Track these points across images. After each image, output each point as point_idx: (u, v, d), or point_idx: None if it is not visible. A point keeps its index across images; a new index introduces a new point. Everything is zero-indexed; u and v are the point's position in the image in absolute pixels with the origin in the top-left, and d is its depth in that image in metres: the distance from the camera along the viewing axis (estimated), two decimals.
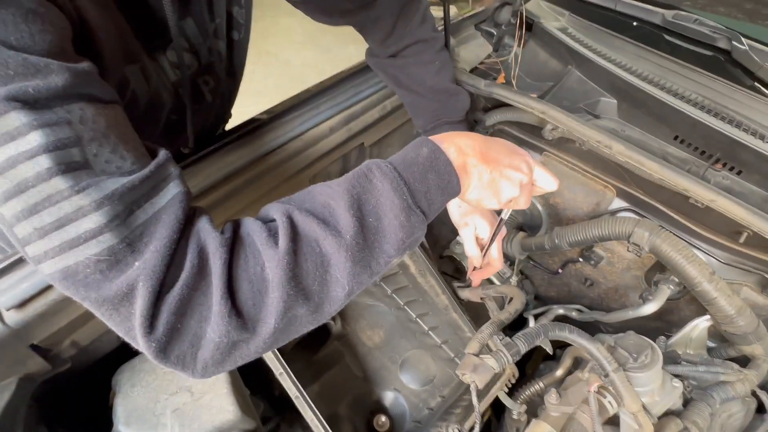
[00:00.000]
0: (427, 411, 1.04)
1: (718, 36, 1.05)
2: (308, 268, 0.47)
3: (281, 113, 0.89)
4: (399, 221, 0.50)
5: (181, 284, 0.42)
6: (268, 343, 0.47)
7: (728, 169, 1.01)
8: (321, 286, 0.48)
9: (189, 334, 0.43)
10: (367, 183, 0.51)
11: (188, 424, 0.76)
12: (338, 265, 0.48)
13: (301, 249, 0.48)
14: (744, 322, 0.94)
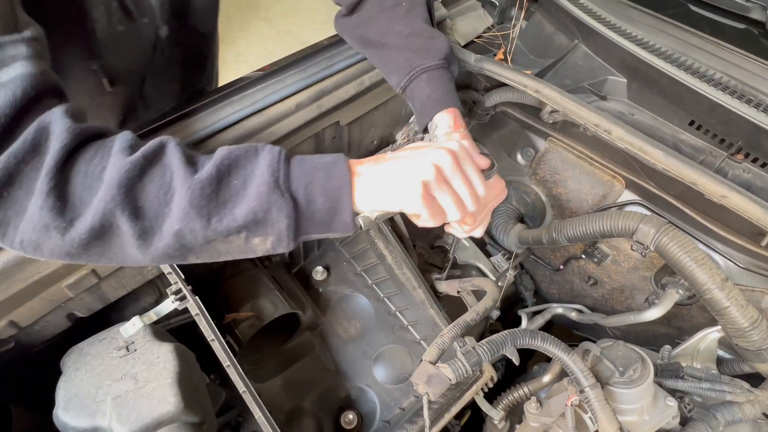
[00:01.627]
0: (399, 411, 0.98)
1: (752, 5, 0.90)
2: (150, 190, 0.49)
3: (239, 87, 0.82)
4: (259, 192, 0.50)
5: (9, 154, 0.45)
6: (82, 243, 0.47)
7: (751, 160, 0.87)
8: (155, 212, 0.49)
9: (14, 203, 0.46)
10: (252, 153, 0.53)
11: (126, 414, 0.72)
12: (178, 201, 0.48)
13: (152, 169, 0.49)
14: (758, 337, 0.82)
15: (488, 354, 0.71)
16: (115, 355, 0.79)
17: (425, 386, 0.69)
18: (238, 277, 0.96)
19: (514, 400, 0.98)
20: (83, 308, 0.81)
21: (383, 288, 1.08)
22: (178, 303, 0.78)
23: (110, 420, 0.72)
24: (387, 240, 1.00)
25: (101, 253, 0.50)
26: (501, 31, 1.16)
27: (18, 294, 0.68)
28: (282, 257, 1.09)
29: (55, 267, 0.70)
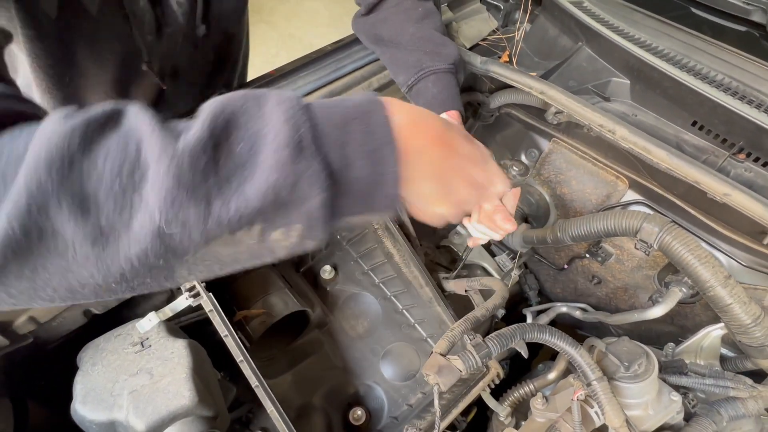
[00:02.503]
0: (406, 407, 0.99)
1: (753, 8, 0.92)
2: (102, 168, 0.32)
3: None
4: (278, 159, 0.35)
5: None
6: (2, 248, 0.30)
7: (752, 159, 0.89)
8: (116, 203, 0.32)
9: None
10: (253, 104, 0.37)
11: (143, 408, 0.74)
12: (156, 183, 0.32)
13: (105, 139, 0.33)
14: (761, 333, 0.83)
15: (498, 347, 0.72)
16: (130, 350, 0.81)
17: (436, 377, 0.71)
18: (249, 274, 0.98)
19: (520, 396, 0.99)
20: (99, 305, 0.83)
21: (390, 287, 1.10)
22: (192, 300, 0.80)
23: (127, 413, 0.74)
24: (395, 238, 1.01)
25: (24, 276, 0.32)
26: (505, 33, 1.18)
27: None
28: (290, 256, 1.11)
29: None
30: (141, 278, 0.35)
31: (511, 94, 1.11)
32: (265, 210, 0.35)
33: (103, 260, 0.33)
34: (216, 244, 0.36)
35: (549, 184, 1.22)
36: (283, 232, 0.37)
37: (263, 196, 0.35)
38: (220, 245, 0.36)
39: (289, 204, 0.36)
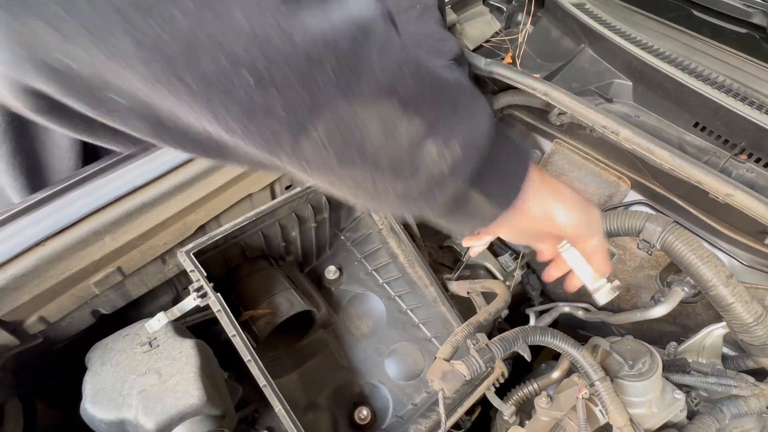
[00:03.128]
0: (411, 406, 1.00)
1: (753, 10, 0.93)
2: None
3: None
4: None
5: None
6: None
7: (754, 160, 0.90)
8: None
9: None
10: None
11: (152, 407, 0.75)
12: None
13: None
14: (762, 332, 0.84)
15: (501, 350, 0.73)
16: (138, 350, 0.82)
17: (440, 382, 0.72)
18: (255, 275, 0.99)
19: (524, 396, 1.00)
20: (107, 305, 0.84)
21: (394, 287, 1.11)
22: (200, 300, 0.80)
23: (136, 413, 0.75)
24: (399, 239, 1.02)
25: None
26: (508, 35, 1.19)
27: (49, 290, 0.71)
28: (295, 256, 1.12)
29: (84, 264, 0.73)
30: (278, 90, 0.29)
31: (514, 96, 1.12)
32: (441, 104, 0.35)
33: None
34: (378, 116, 0.32)
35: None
36: (440, 149, 0.36)
37: (453, 79, 0.35)
38: (380, 122, 0.33)
39: (463, 112, 0.36)
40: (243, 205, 0.91)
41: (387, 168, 0.35)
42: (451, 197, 0.40)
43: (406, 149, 0.34)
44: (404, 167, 0.35)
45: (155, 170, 0.75)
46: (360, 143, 0.33)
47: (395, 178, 0.35)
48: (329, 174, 0.34)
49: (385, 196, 0.37)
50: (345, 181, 0.35)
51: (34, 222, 0.68)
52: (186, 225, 0.83)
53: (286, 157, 0.32)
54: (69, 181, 0.72)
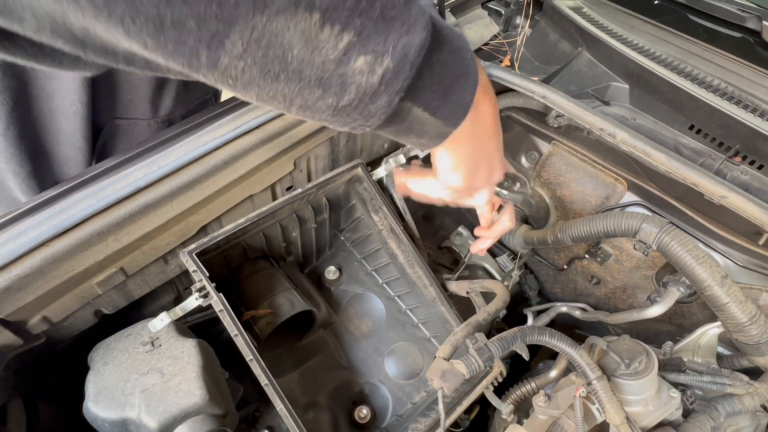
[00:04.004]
0: (411, 405, 1.01)
1: (748, 15, 0.94)
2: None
3: None
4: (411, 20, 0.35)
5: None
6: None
7: (748, 162, 0.92)
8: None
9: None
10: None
11: (155, 406, 0.75)
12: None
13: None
14: (757, 331, 0.86)
15: (500, 350, 0.74)
16: (141, 350, 0.83)
17: (440, 381, 0.72)
18: (256, 275, 1.00)
19: (522, 394, 1.01)
20: (110, 305, 0.84)
21: (394, 287, 1.11)
22: (202, 300, 0.81)
23: (139, 412, 0.75)
24: (399, 240, 1.03)
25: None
26: (507, 38, 1.20)
27: (53, 290, 0.72)
28: (295, 257, 1.12)
29: (87, 265, 0.73)
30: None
31: (512, 98, 1.13)
32: (365, 12, 0.33)
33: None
34: (296, 27, 0.31)
35: (549, 186, 1.24)
36: (369, 61, 0.35)
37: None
38: (298, 34, 0.32)
39: (392, 21, 0.34)
40: (244, 206, 0.92)
41: (314, 82, 0.34)
42: (386, 111, 0.38)
43: (332, 62, 0.33)
44: (332, 82, 0.34)
45: (158, 172, 0.76)
46: (281, 57, 0.32)
47: (324, 93, 0.35)
48: (256, 89, 0.34)
49: (318, 110, 0.36)
50: (275, 97, 0.35)
51: (39, 223, 0.68)
52: (188, 226, 0.84)
53: (208, 73, 0.32)
54: (73, 182, 0.72)
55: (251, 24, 0.30)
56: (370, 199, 1.03)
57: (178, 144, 0.79)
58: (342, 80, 0.35)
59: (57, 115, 0.84)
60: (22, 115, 0.81)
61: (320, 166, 1.02)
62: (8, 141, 0.81)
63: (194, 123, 0.81)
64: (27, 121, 0.82)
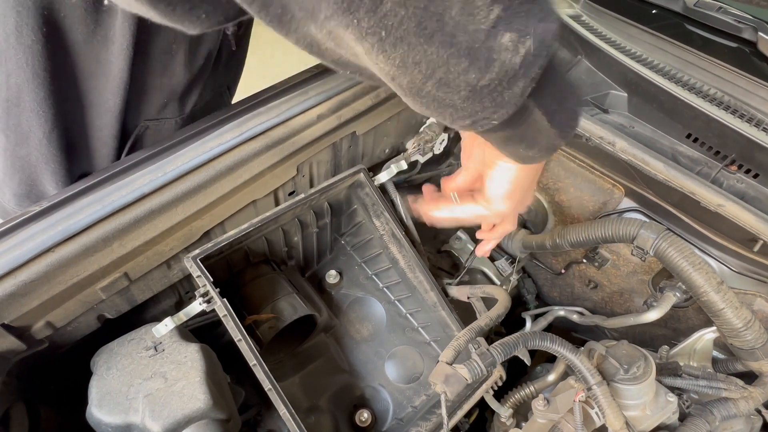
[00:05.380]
0: (411, 409, 1.02)
1: (744, 26, 0.96)
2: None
3: (266, 98, 0.86)
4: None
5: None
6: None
7: (744, 171, 0.93)
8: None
9: None
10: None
11: (158, 411, 0.76)
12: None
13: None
14: (751, 337, 0.88)
15: (502, 355, 0.75)
16: (144, 354, 0.83)
17: (443, 386, 0.73)
18: (258, 280, 1.00)
19: (521, 398, 1.03)
20: (113, 310, 0.85)
21: (394, 291, 1.12)
22: (205, 305, 0.81)
23: (143, 416, 0.76)
24: (400, 244, 1.04)
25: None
26: None
27: (57, 296, 0.72)
28: (297, 261, 1.13)
29: (92, 270, 0.73)
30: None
31: None
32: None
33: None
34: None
35: (547, 191, 1.26)
36: (514, 39, 0.34)
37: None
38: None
39: (533, 4, 0.34)
40: (247, 211, 0.93)
41: (464, 51, 0.33)
42: (518, 101, 0.38)
43: (483, 32, 0.33)
44: (480, 54, 0.34)
45: (163, 177, 0.76)
46: (440, 15, 0.31)
47: (470, 66, 0.34)
48: (405, 48, 0.32)
49: (456, 87, 0.35)
50: (419, 63, 0.34)
51: (45, 228, 0.69)
52: (192, 231, 0.84)
53: (365, 17, 0.30)
54: (79, 187, 0.73)
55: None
56: (371, 204, 1.04)
57: (183, 150, 0.80)
58: (489, 54, 0.34)
59: (91, 111, 0.85)
60: (64, 118, 0.82)
61: (322, 172, 1.02)
62: (51, 143, 0.82)
63: (199, 129, 0.82)
64: (68, 122, 0.83)
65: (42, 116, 0.78)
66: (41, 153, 0.83)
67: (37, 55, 0.72)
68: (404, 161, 1.07)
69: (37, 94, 0.76)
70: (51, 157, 0.84)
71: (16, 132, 0.80)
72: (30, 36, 0.71)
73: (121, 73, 0.79)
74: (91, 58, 0.78)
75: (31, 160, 0.83)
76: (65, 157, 0.85)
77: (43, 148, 0.82)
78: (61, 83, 0.78)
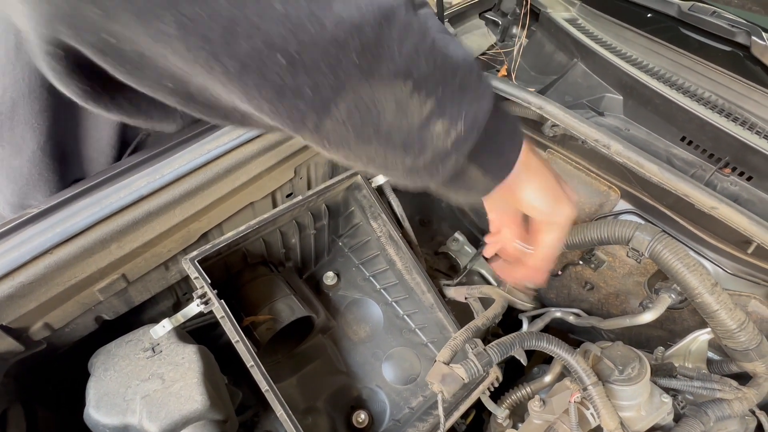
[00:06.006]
0: (408, 410, 1.02)
1: (737, 30, 0.97)
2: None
3: None
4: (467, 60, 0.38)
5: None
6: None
7: (737, 174, 0.94)
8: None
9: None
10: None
11: (156, 412, 0.76)
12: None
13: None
14: (745, 338, 0.88)
15: (498, 355, 0.76)
16: (141, 356, 0.83)
17: (440, 385, 0.74)
18: (256, 281, 1.00)
19: (517, 399, 1.03)
20: (110, 311, 0.85)
21: (392, 293, 1.13)
22: (203, 306, 0.82)
23: (140, 418, 0.76)
24: (397, 246, 1.05)
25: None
26: (504, 48, 1.22)
27: (55, 297, 0.72)
28: (294, 262, 1.13)
29: (90, 272, 0.74)
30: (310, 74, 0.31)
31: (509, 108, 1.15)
32: (448, 82, 0.37)
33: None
34: (393, 95, 0.35)
35: None
36: (445, 126, 0.38)
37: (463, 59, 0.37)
38: (393, 101, 0.35)
39: (466, 91, 0.38)
40: (245, 213, 0.93)
41: (398, 145, 0.37)
42: (451, 171, 0.42)
43: (416, 127, 0.37)
44: (413, 144, 0.38)
45: (161, 180, 0.77)
46: (376, 122, 0.35)
47: (405, 154, 0.38)
48: (346, 150, 0.37)
49: (393, 169, 0.40)
50: (360, 157, 0.38)
51: (43, 230, 0.69)
52: (190, 233, 0.85)
53: (309, 135, 0.35)
54: (77, 189, 0.73)
55: (356, 92, 0.33)
56: (369, 206, 1.05)
57: (181, 152, 0.80)
58: (422, 143, 0.38)
59: (88, 123, 0.85)
60: (59, 130, 0.82)
61: (320, 174, 1.03)
62: (46, 154, 0.82)
63: (197, 131, 0.82)
64: (63, 134, 0.84)
65: (36, 129, 0.78)
66: (35, 164, 0.83)
67: (35, 71, 0.73)
68: None
69: (32, 108, 0.76)
70: (45, 167, 0.84)
71: (10, 143, 0.80)
72: (29, 53, 0.71)
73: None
74: None
75: (24, 171, 0.83)
76: (60, 167, 0.85)
77: (36, 159, 0.82)
78: (57, 97, 0.79)
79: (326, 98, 0.32)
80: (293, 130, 0.34)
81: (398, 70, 0.34)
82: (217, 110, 0.35)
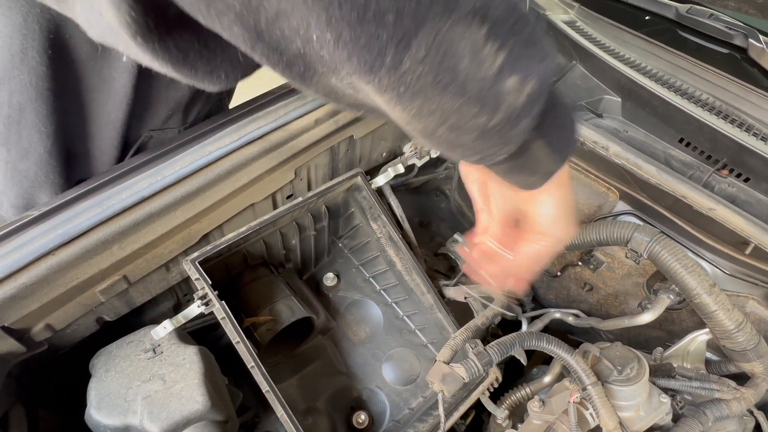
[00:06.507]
0: (408, 411, 1.03)
1: (735, 32, 0.98)
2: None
3: (265, 102, 0.87)
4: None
5: None
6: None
7: (735, 175, 0.95)
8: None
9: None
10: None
11: (157, 413, 0.76)
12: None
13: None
14: (743, 338, 0.89)
15: (498, 355, 0.76)
16: (142, 357, 0.83)
17: (440, 384, 0.74)
18: (256, 282, 1.01)
19: (517, 399, 1.03)
20: (112, 312, 0.85)
21: (392, 294, 1.13)
22: (204, 307, 0.82)
23: (141, 418, 0.76)
24: (397, 247, 1.05)
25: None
26: None
27: (57, 298, 0.72)
28: (294, 264, 1.14)
29: (92, 273, 0.74)
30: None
31: None
32: (518, 34, 0.35)
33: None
34: (468, 38, 0.33)
35: None
36: (518, 81, 0.36)
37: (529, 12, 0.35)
38: (469, 45, 0.33)
39: (534, 46, 0.36)
40: (245, 215, 0.93)
41: (474, 98, 0.35)
42: (521, 137, 0.40)
43: (490, 79, 0.35)
44: (488, 99, 0.36)
45: (162, 181, 0.77)
46: (453, 67, 0.33)
47: (480, 110, 0.36)
48: (422, 100, 0.34)
49: (466, 130, 0.37)
50: (434, 112, 0.36)
51: (45, 232, 0.69)
52: (191, 234, 0.85)
53: (385, 76, 0.32)
54: (79, 191, 0.73)
55: (437, 28, 0.31)
56: (369, 208, 1.05)
57: (182, 154, 0.81)
58: (496, 98, 0.36)
59: (93, 124, 0.85)
60: (66, 132, 0.83)
61: (320, 175, 1.03)
62: (53, 157, 0.83)
63: (198, 133, 0.83)
64: (69, 136, 0.84)
65: (44, 132, 0.79)
66: (41, 168, 0.84)
67: (41, 76, 0.74)
68: (401, 165, 1.08)
69: (39, 112, 0.77)
70: (51, 170, 0.85)
71: (17, 147, 0.80)
72: (35, 58, 0.72)
73: (125, 89, 0.80)
74: (94, 74, 0.79)
75: (30, 174, 0.84)
76: (65, 169, 0.86)
77: (43, 162, 0.83)
78: (64, 100, 0.79)
79: (408, 30, 0.30)
80: (368, 70, 0.31)
81: (476, 7, 0.32)
82: (282, 53, 0.32)
